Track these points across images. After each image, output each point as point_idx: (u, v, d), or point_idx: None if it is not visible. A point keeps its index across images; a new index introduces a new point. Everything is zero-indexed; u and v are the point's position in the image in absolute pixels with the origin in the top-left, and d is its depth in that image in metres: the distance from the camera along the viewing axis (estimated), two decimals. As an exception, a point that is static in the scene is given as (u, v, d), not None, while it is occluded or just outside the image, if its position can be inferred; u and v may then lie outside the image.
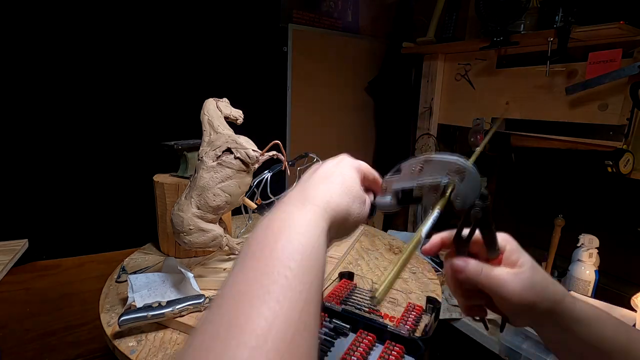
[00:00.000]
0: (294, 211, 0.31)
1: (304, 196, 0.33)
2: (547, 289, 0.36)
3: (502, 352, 1.00)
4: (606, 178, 1.00)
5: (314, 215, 0.31)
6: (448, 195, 0.36)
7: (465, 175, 0.35)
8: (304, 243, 0.27)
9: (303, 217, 0.30)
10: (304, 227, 0.29)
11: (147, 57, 1.15)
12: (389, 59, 1.72)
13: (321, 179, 0.35)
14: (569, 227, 1.12)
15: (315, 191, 0.33)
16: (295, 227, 0.28)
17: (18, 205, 1.03)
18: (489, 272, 0.36)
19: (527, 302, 0.35)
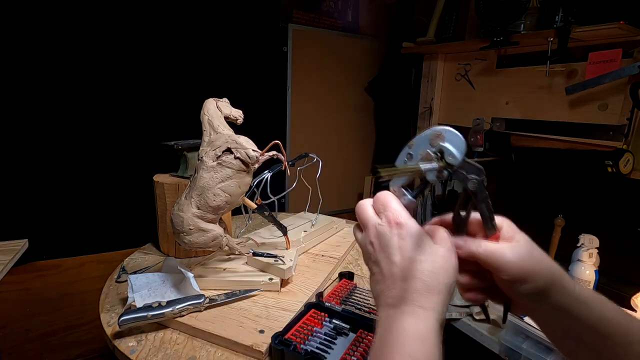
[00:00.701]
0: (403, 319, 0.33)
1: (409, 300, 0.34)
2: (545, 261, 0.37)
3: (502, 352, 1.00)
4: (606, 178, 1.00)
5: (423, 318, 0.33)
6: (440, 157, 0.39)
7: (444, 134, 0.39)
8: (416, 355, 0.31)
9: (413, 326, 0.33)
10: (416, 338, 0.32)
11: (147, 58, 1.15)
12: (389, 59, 1.72)
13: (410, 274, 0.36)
14: (569, 227, 1.12)
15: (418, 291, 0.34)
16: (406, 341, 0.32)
17: (18, 205, 1.03)
18: (487, 245, 0.37)
19: (525, 270, 0.36)
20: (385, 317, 0.35)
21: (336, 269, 0.88)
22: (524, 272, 0.36)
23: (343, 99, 1.70)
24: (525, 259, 0.36)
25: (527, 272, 0.36)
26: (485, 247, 0.37)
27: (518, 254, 0.36)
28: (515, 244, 0.37)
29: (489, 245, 0.37)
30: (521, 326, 0.99)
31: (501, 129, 1.26)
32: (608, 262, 1.09)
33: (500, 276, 0.37)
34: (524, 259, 0.36)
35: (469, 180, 0.38)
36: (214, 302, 0.69)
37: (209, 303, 0.68)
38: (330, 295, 0.71)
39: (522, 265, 0.36)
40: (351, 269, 0.89)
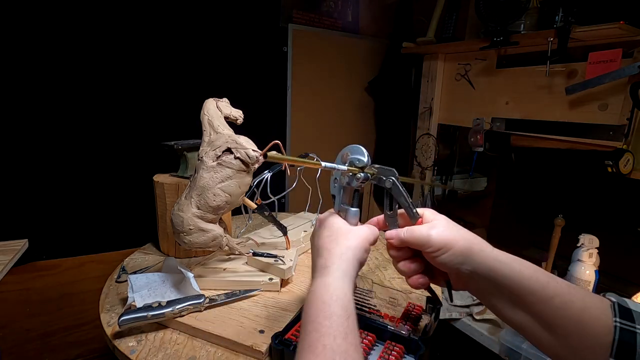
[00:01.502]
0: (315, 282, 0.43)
1: (318, 267, 0.45)
2: (461, 231, 0.45)
3: (502, 352, 1.00)
4: (606, 178, 1.00)
5: (328, 275, 0.43)
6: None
7: (349, 151, 0.50)
8: (325, 300, 0.40)
9: (321, 282, 0.42)
10: (324, 288, 0.41)
11: (147, 57, 1.15)
12: (389, 59, 1.72)
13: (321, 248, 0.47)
14: (569, 227, 1.12)
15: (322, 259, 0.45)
16: (318, 293, 0.41)
17: (18, 205, 1.03)
18: (411, 229, 0.46)
19: (444, 239, 0.43)
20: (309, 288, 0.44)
21: (336, 269, 0.87)
22: (443, 241, 0.43)
23: (343, 99, 1.70)
24: (443, 231, 0.44)
25: (445, 241, 0.43)
26: (409, 230, 0.46)
27: (436, 229, 0.44)
28: (434, 222, 0.46)
29: (412, 228, 0.46)
30: (521, 326, 0.98)
31: (501, 129, 1.26)
32: (608, 262, 1.09)
33: (426, 250, 0.45)
34: (441, 231, 0.44)
35: (386, 180, 0.48)
36: (214, 302, 0.69)
37: (209, 303, 0.68)
38: (330, 295, 0.71)
39: (440, 236, 0.43)
40: (351, 269, 0.89)
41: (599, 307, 0.38)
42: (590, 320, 0.37)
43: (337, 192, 0.51)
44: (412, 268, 0.49)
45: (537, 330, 0.40)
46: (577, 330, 0.37)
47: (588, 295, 0.39)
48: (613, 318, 0.36)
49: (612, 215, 1.18)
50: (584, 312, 0.37)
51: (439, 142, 1.53)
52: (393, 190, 0.48)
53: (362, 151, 0.49)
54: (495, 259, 0.42)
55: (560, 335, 0.38)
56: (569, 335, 0.38)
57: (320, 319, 0.37)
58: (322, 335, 0.36)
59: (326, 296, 0.40)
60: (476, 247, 0.43)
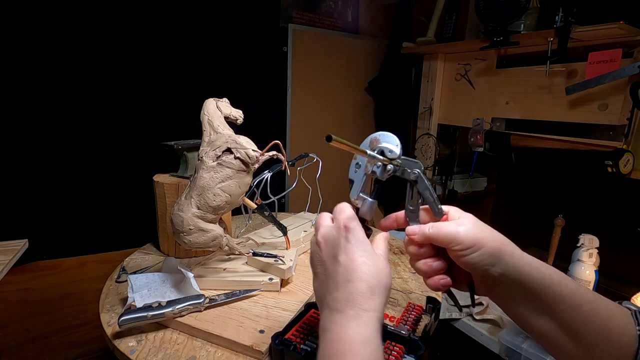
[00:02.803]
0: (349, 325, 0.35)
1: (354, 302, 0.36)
2: (491, 231, 0.41)
3: (502, 352, 1.00)
4: (606, 178, 1.00)
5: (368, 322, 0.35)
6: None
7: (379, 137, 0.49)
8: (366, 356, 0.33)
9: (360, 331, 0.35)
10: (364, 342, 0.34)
11: (147, 57, 1.14)
12: (389, 59, 1.72)
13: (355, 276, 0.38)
14: (569, 227, 1.12)
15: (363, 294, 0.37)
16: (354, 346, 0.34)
17: (18, 205, 1.03)
18: (437, 224, 0.42)
19: (473, 237, 0.39)
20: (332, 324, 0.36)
21: (336, 269, 0.87)
22: (473, 239, 0.39)
23: (343, 99, 1.69)
24: (472, 228, 0.40)
25: (475, 239, 0.39)
26: (436, 226, 0.42)
27: (464, 225, 0.40)
28: (461, 219, 0.42)
29: (439, 224, 0.42)
30: (521, 326, 0.98)
31: (501, 129, 1.26)
32: (608, 262, 1.09)
33: (452, 248, 0.40)
34: (471, 229, 0.40)
35: (411, 173, 0.45)
36: (214, 302, 0.69)
37: (209, 303, 0.68)
38: (330, 295, 0.71)
39: (469, 234, 0.39)
40: (351, 269, 0.89)
41: (624, 315, 0.37)
42: (616, 329, 0.36)
43: (359, 178, 0.48)
44: (434, 267, 0.44)
45: (561, 340, 0.38)
46: (603, 340, 0.36)
47: (612, 304, 0.38)
48: (637, 327, 0.36)
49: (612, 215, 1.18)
50: (611, 321, 0.36)
51: (439, 142, 1.53)
52: (418, 183, 0.44)
53: (394, 140, 0.46)
54: (527, 262, 0.39)
55: (585, 344, 0.37)
56: (595, 344, 0.37)
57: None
58: None
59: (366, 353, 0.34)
60: (507, 248, 0.40)
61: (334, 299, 0.37)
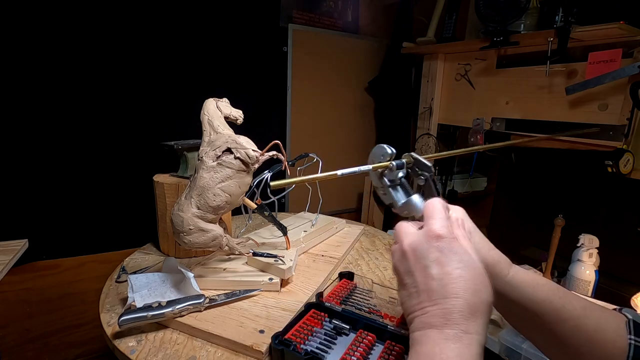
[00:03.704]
0: (448, 347, 0.30)
1: (452, 322, 0.32)
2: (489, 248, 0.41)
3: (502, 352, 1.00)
4: (606, 178, 1.00)
5: (469, 345, 0.31)
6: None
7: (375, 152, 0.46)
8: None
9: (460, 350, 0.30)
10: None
11: (147, 57, 1.15)
12: (389, 59, 1.72)
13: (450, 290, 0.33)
14: (569, 227, 1.12)
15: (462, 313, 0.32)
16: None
17: (18, 205, 1.03)
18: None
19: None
20: (425, 338, 0.32)
21: (336, 269, 0.88)
22: None
23: (343, 99, 1.70)
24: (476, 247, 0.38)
25: None
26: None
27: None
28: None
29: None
30: (521, 326, 0.98)
31: (501, 129, 1.26)
32: (608, 262, 1.09)
33: None
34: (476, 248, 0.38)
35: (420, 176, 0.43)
36: (214, 302, 0.69)
37: (209, 303, 0.68)
38: (330, 295, 0.71)
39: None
40: (351, 269, 0.89)
41: (613, 327, 0.38)
42: (603, 342, 0.37)
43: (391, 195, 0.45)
44: None
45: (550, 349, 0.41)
46: (590, 351, 0.37)
47: (603, 316, 0.39)
48: (628, 336, 0.36)
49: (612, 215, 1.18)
50: (597, 334, 0.37)
51: (439, 142, 1.53)
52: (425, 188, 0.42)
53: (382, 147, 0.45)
54: (509, 283, 0.40)
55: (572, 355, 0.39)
56: (581, 355, 0.38)
57: None
58: None
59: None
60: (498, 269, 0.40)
61: (430, 314, 0.33)
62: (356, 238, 1.07)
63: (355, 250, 1.01)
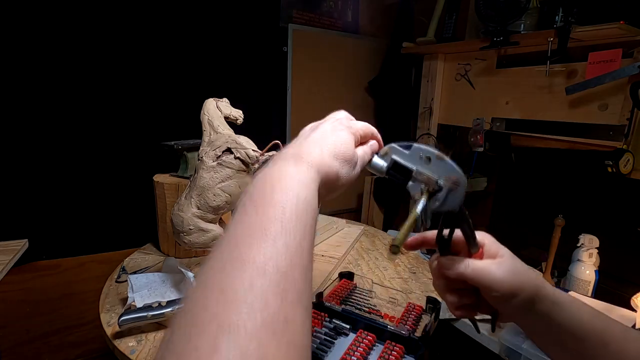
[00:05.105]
0: (289, 166, 0.32)
1: (299, 154, 0.34)
2: (528, 273, 0.38)
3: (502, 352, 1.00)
4: (606, 178, 1.00)
5: (307, 172, 0.33)
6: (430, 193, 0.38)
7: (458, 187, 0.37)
8: (297, 194, 0.30)
9: (297, 173, 0.32)
10: (297, 181, 0.31)
11: (147, 58, 1.15)
12: (389, 59, 1.72)
13: (316, 141, 0.36)
14: (569, 227, 1.12)
15: (310, 151, 0.34)
16: (289, 180, 0.31)
17: (18, 205, 1.03)
18: (475, 264, 0.38)
19: (513, 285, 0.37)
20: (271, 169, 0.33)
21: (336, 269, 0.88)
22: (513, 287, 0.37)
23: (343, 99, 1.70)
24: (512, 274, 0.37)
25: (515, 287, 0.37)
26: (473, 266, 0.38)
27: (505, 271, 0.37)
28: (501, 260, 0.38)
29: (476, 264, 0.38)
30: (521, 326, 0.98)
31: (501, 129, 1.26)
32: (608, 262, 1.09)
33: (490, 293, 0.38)
34: (511, 275, 0.37)
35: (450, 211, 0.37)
36: (214, 302, 0.69)
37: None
38: (330, 295, 0.71)
39: (510, 281, 0.37)
40: (351, 269, 0.89)
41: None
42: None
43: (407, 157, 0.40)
44: (463, 301, 0.41)
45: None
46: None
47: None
48: None
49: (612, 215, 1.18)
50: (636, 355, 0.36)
51: (439, 142, 1.53)
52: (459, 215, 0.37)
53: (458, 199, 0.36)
54: (556, 302, 0.38)
55: None
56: None
57: (287, 212, 0.28)
58: (287, 233, 0.26)
59: (301, 192, 0.30)
60: (542, 291, 0.38)
61: (284, 154, 0.35)
62: (356, 238, 1.07)
63: (355, 250, 1.01)
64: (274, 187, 0.30)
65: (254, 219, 0.27)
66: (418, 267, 0.93)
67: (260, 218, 0.27)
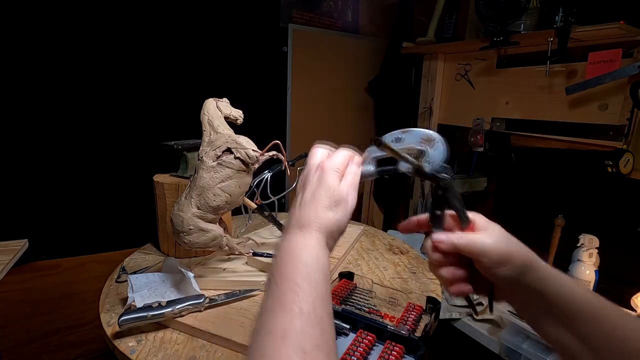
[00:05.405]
0: (296, 236, 0.39)
1: (301, 222, 0.40)
2: (518, 245, 0.41)
3: (502, 352, 1.00)
4: (606, 178, 1.00)
5: (311, 237, 0.39)
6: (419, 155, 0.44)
7: (434, 143, 0.43)
8: (304, 262, 0.36)
9: (302, 239, 0.38)
10: (303, 248, 0.38)
11: (147, 58, 1.15)
12: (389, 59, 1.72)
13: (309, 202, 0.41)
14: (569, 227, 1.12)
15: (308, 215, 0.40)
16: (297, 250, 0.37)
17: (18, 205, 1.03)
18: (467, 235, 0.41)
19: (504, 253, 0.39)
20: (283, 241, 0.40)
21: (336, 269, 0.88)
22: (503, 255, 0.39)
23: (343, 99, 1.70)
24: (503, 243, 0.40)
25: (505, 255, 0.39)
26: (465, 237, 0.41)
27: (496, 239, 0.40)
28: (491, 232, 0.41)
29: (468, 235, 0.41)
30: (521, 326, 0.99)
31: (501, 129, 1.26)
32: (608, 262, 1.09)
33: (481, 261, 0.40)
34: (502, 243, 0.40)
35: (441, 180, 0.42)
36: (214, 302, 0.69)
37: (209, 303, 0.68)
38: (330, 295, 0.71)
39: (500, 249, 0.40)
40: (351, 269, 0.89)
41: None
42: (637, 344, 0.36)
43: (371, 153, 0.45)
44: (457, 275, 0.43)
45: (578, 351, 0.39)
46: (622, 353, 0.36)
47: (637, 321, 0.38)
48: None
49: (612, 215, 1.18)
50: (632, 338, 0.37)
51: (439, 142, 1.53)
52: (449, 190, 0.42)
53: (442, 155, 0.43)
54: (551, 275, 0.40)
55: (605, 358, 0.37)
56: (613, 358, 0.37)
57: (298, 280, 0.35)
58: (299, 298, 0.33)
59: (307, 259, 0.36)
60: (534, 262, 0.40)
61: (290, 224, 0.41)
62: (356, 238, 1.07)
63: (355, 250, 1.01)
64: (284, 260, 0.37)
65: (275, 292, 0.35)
66: (418, 267, 0.93)
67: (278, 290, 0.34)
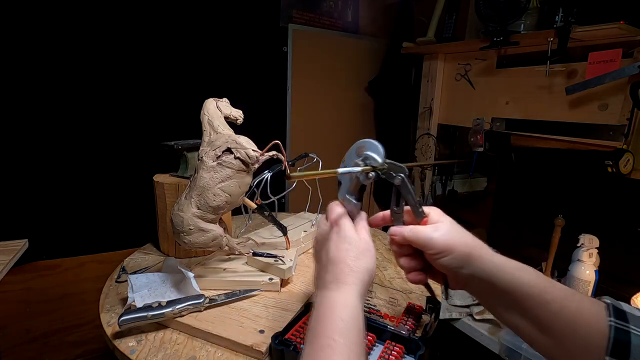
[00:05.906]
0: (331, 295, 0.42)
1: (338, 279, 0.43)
2: (462, 235, 0.46)
3: (502, 352, 1.00)
4: (606, 178, 1.00)
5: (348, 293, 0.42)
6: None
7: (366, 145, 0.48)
8: (344, 318, 0.39)
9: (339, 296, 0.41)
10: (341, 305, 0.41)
11: (147, 57, 1.15)
12: (389, 59, 1.72)
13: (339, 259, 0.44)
14: (569, 227, 1.12)
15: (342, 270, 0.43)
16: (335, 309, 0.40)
17: (18, 205, 1.03)
18: (415, 228, 0.46)
19: (446, 244, 0.44)
20: (318, 298, 0.43)
21: (336, 269, 0.87)
22: (444, 245, 0.44)
23: (343, 99, 1.69)
24: (445, 235, 0.45)
25: (446, 245, 0.44)
26: (413, 230, 0.46)
27: (439, 232, 0.45)
28: (438, 224, 0.46)
29: (416, 229, 0.46)
30: (521, 326, 0.98)
31: (501, 129, 1.26)
32: (608, 262, 1.08)
33: (427, 252, 0.45)
34: (444, 235, 0.45)
35: (395, 178, 0.47)
36: (214, 302, 0.69)
37: (209, 303, 0.68)
38: (330, 295, 0.71)
39: (442, 239, 0.44)
40: (351, 269, 0.89)
41: (593, 311, 0.40)
42: (584, 324, 0.39)
43: (346, 181, 0.51)
44: (412, 265, 0.50)
45: (532, 332, 0.43)
46: (571, 333, 0.39)
47: (584, 300, 0.41)
48: (608, 318, 0.38)
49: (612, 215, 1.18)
50: (579, 317, 0.40)
51: (439, 142, 1.53)
52: (401, 187, 0.47)
53: (379, 151, 0.48)
54: (494, 264, 0.43)
55: (555, 337, 0.41)
56: (563, 337, 0.40)
57: (336, 336, 0.37)
58: (337, 354, 0.36)
59: (344, 314, 0.39)
60: (476, 252, 0.44)
61: (323, 281, 0.44)
62: (356, 238, 1.06)
63: (355, 250, 1.01)
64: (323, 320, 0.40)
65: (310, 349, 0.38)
66: (418, 267, 0.93)
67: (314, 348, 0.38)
